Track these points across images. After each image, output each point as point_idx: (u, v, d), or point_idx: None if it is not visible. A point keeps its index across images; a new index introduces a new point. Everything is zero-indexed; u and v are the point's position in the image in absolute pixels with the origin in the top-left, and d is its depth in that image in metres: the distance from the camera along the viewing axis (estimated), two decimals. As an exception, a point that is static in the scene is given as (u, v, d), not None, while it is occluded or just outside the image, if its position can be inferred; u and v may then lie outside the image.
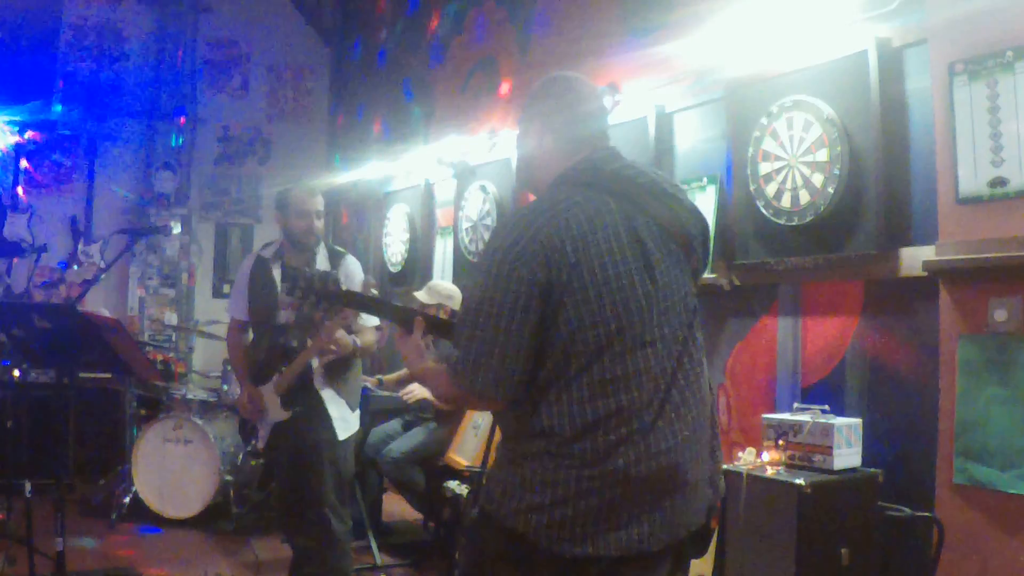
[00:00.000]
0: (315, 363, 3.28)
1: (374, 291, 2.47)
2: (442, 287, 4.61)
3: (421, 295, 4.54)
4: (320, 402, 3.28)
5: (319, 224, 3.36)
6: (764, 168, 3.23)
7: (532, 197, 1.87)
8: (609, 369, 1.64)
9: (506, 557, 1.70)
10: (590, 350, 1.64)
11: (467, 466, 3.99)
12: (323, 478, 3.26)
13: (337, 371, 3.33)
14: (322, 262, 3.38)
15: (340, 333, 3.16)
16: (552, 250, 1.64)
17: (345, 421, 3.33)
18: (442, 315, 3.62)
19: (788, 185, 3.13)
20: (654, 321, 1.69)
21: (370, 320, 3.39)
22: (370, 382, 4.84)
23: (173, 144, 7.49)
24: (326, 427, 3.27)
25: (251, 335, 3.51)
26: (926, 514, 2.62)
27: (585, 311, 1.64)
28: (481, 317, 1.65)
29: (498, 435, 1.84)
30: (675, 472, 1.66)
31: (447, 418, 4.45)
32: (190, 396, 5.24)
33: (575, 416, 1.63)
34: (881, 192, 2.85)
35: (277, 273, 3.34)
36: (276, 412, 3.29)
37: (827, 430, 2.71)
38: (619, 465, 1.62)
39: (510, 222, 1.73)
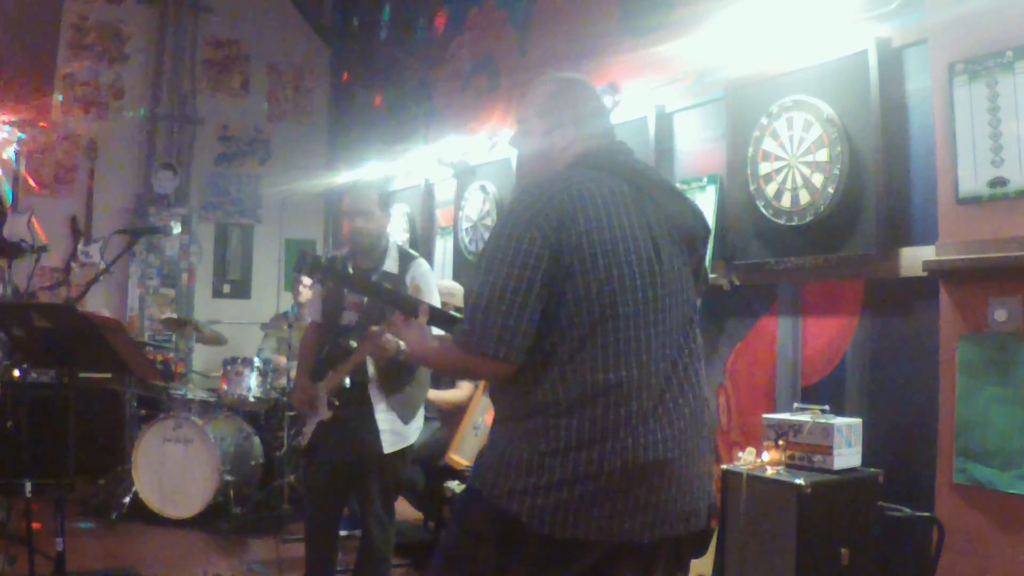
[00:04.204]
0: (371, 370, 3.20)
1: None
2: (442, 286, 4.62)
3: None
4: (371, 411, 3.20)
5: (359, 223, 3.26)
6: (764, 168, 3.23)
7: None
8: (612, 342, 1.65)
9: (491, 538, 1.69)
10: (594, 319, 1.65)
11: (467, 466, 3.99)
12: (369, 491, 3.23)
13: (394, 381, 3.23)
14: (391, 265, 3.32)
15: (386, 337, 3.03)
16: (565, 216, 1.67)
17: (395, 434, 3.22)
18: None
19: (788, 185, 3.13)
20: (659, 302, 1.71)
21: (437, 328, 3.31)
22: None
23: (173, 144, 7.49)
24: (373, 439, 3.17)
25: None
26: (926, 514, 2.62)
27: (593, 279, 1.65)
28: (491, 278, 1.65)
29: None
30: (670, 463, 1.66)
31: (448, 418, 4.45)
32: (190, 396, 5.24)
33: (574, 388, 1.64)
34: (881, 192, 2.85)
35: None
36: (323, 410, 3.26)
37: (827, 430, 2.71)
38: (615, 449, 1.62)
39: (525, 192, 1.75)
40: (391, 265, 3.32)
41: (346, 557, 3.73)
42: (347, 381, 3.19)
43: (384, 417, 3.21)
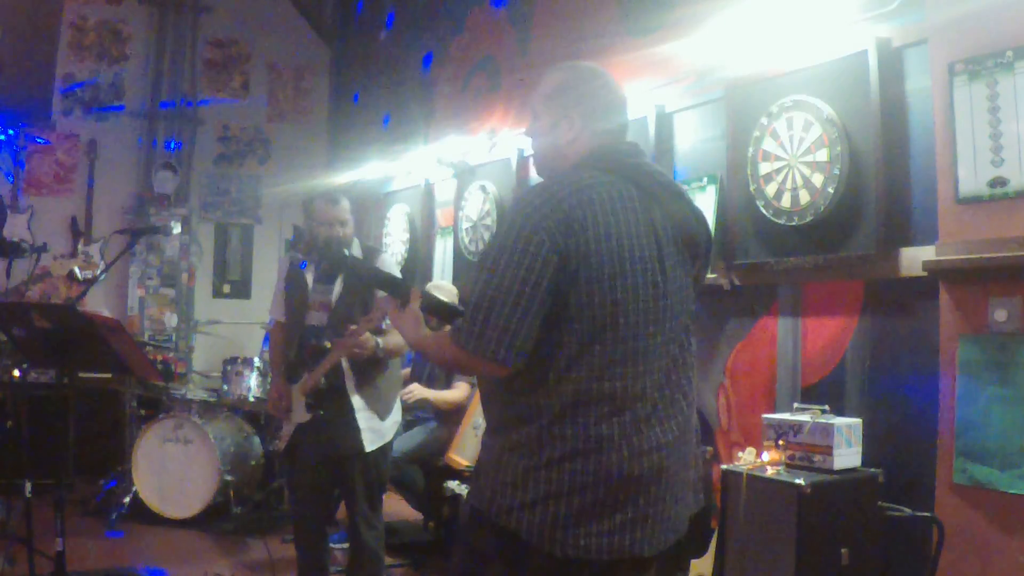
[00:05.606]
0: (346, 367, 3.21)
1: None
2: (447, 286, 4.62)
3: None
4: (350, 410, 3.20)
5: (343, 231, 3.31)
6: (764, 168, 3.23)
7: None
8: (611, 351, 1.63)
9: (498, 556, 1.68)
10: (596, 327, 1.62)
11: (467, 466, 3.99)
12: (353, 489, 3.24)
13: (368, 378, 3.24)
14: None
15: (366, 336, 3.07)
16: (574, 220, 1.62)
17: (374, 431, 3.24)
18: None
19: (788, 185, 3.13)
20: (660, 312, 1.69)
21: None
22: None
23: (173, 144, 7.49)
24: (354, 438, 3.19)
25: None
26: (926, 514, 2.62)
27: (597, 288, 1.63)
28: (495, 278, 1.61)
29: None
30: (666, 471, 1.65)
31: (447, 418, 4.45)
32: (190, 396, 5.24)
33: (569, 395, 1.61)
34: (881, 192, 2.85)
35: (309, 276, 3.35)
36: (300, 413, 3.24)
37: (827, 430, 2.71)
38: (612, 458, 1.60)
39: (532, 192, 1.70)
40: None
41: (344, 558, 3.74)
42: (323, 381, 3.18)
43: (363, 416, 3.22)
